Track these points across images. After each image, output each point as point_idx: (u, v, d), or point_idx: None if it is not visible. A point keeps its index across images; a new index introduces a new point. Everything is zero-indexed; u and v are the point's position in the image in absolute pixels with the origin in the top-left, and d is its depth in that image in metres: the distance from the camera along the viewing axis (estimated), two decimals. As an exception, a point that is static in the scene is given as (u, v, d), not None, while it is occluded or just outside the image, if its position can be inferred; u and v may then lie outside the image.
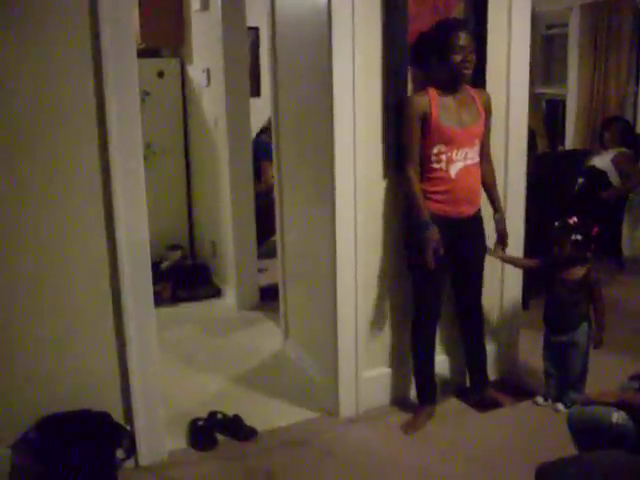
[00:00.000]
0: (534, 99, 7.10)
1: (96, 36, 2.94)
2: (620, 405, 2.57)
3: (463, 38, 3.33)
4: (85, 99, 2.99)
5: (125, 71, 3.01)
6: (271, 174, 5.34)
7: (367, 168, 3.59)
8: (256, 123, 5.57)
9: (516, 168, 3.94)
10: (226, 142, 5.24)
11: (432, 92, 3.42)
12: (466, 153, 3.45)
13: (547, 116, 8.14)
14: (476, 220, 3.63)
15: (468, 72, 3.40)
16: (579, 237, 3.65)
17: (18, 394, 3.12)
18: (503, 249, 3.77)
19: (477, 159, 3.53)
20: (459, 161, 3.44)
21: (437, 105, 3.39)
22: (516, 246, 4.00)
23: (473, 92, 3.53)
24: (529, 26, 3.85)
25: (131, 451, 3.28)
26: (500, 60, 3.78)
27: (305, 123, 3.95)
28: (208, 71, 5.51)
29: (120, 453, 3.23)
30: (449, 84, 3.44)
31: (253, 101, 5.49)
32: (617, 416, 2.54)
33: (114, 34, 2.95)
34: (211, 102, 5.59)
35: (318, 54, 3.57)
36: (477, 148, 3.52)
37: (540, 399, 3.86)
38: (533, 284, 4.56)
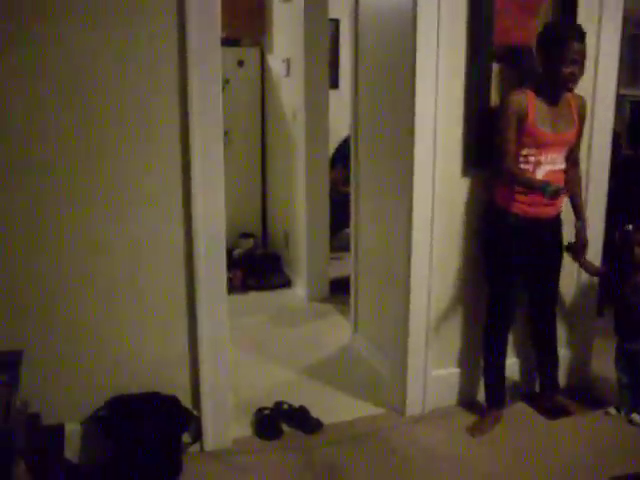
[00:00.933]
0: (618, 101, 6.90)
1: (182, 23, 2.98)
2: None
3: (577, 50, 3.22)
4: (169, 85, 3.03)
5: (209, 58, 3.03)
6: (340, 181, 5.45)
7: (447, 165, 3.55)
8: (333, 114, 5.56)
9: (599, 171, 3.84)
10: (303, 133, 5.25)
11: (530, 93, 3.33)
12: (554, 158, 3.38)
13: (631, 118, 7.91)
14: (556, 223, 3.57)
15: (573, 85, 3.30)
16: None
17: (92, 373, 3.18)
18: (581, 257, 3.69)
19: (564, 165, 3.46)
20: (546, 164, 3.37)
21: (534, 107, 3.32)
22: (595, 250, 3.90)
23: (570, 97, 3.43)
24: (620, 27, 3.74)
25: (197, 436, 3.33)
26: (588, 60, 3.66)
27: (385, 118, 3.92)
28: (288, 61, 5.52)
29: (186, 437, 3.27)
30: (550, 92, 3.36)
31: (331, 93, 5.47)
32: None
33: (200, 21, 2.98)
34: (290, 92, 5.60)
35: (401, 49, 3.53)
36: (565, 155, 3.45)
37: (613, 410, 3.76)
38: (609, 291, 4.44)
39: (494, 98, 3.52)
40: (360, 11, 4.20)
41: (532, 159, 3.36)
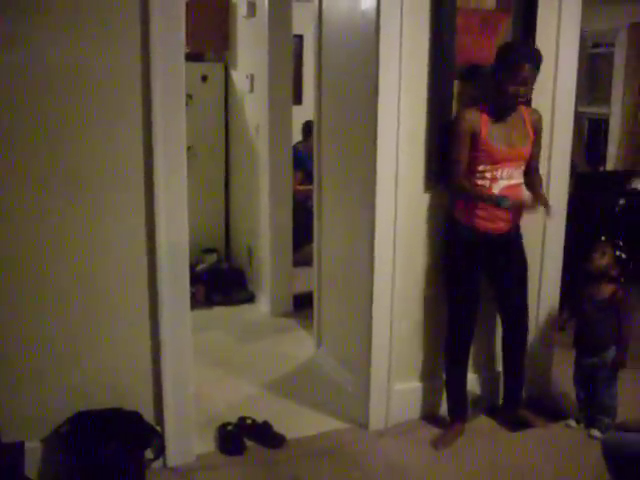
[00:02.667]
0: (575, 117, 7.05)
1: (146, 38, 2.98)
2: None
3: (528, 70, 3.30)
4: (132, 99, 3.03)
5: (173, 74, 3.04)
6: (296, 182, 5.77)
7: (409, 180, 3.58)
8: (296, 130, 5.58)
9: (559, 188, 3.90)
10: (267, 148, 5.26)
11: (482, 110, 3.40)
12: (511, 173, 3.43)
13: (589, 135, 8.06)
14: (516, 236, 3.61)
15: (523, 101, 3.40)
16: (624, 255, 3.65)
17: (53, 389, 3.14)
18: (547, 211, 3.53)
19: (521, 179, 3.51)
20: (503, 180, 3.42)
21: (487, 123, 3.38)
22: (555, 265, 3.97)
23: (524, 111, 3.50)
24: (577, 46, 3.82)
25: (160, 452, 3.30)
26: (546, 77, 3.74)
27: (348, 133, 3.95)
28: (252, 77, 5.53)
29: (149, 453, 3.25)
30: (502, 108, 3.43)
31: (294, 109, 5.49)
32: (653, 443, 2.51)
33: (163, 37, 2.98)
34: (253, 108, 5.61)
35: (364, 65, 3.57)
36: (522, 169, 3.50)
37: (572, 422, 3.81)
38: (569, 305, 4.51)
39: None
40: (324, 27, 4.23)
41: (488, 175, 3.42)
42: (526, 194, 3.53)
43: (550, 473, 3.40)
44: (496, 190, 3.42)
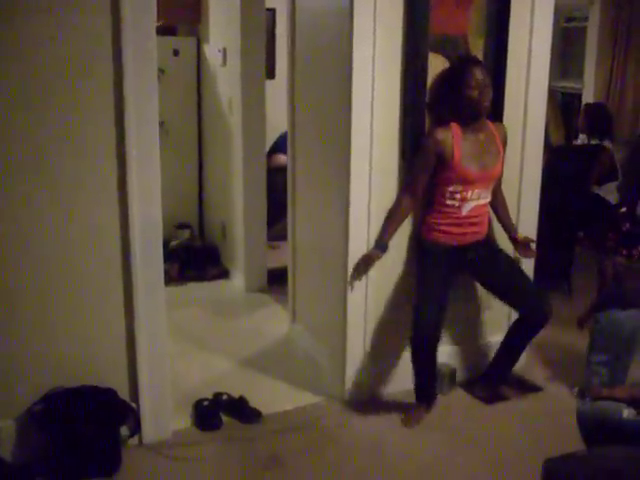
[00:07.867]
0: (549, 90, 7.06)
1: (116, 10, 2.92)
2: (630, 401, 2.56)
3: (479, 73, 3.34)
4: (103, 75, 2.98)
5: (144, 48, 2.99)
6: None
7: (384, 156, 3.57)
8: (270, 105, 5.54)
9: (532, 163, 3.92)
10: (240, 122, 5.22)
11: (455, 128, 3.40)
12: (480, 193, 3.47)
13: (562, 109, 8.08)
14: (486, 241, 3.66)
15: (485, 105, 3.39)
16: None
17: (25, 367, 3.12)
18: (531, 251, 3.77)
19: (489, 198, 3.56)
20: (472, 200, 3.46)
21: (460, 145, 3.38)
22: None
23: (492, 127, 3.52)
24: (552, 19, 3.81)
25: (136, 429, 3.29)
26: (521, 51, 3.75)
27: (322, 107, 3.93)
28: (224, 51, 5.47)
29: (124, 430, 3.24)
30: (469, 119, 3.41)
31: (267, 83, 5.45)
32: (627, 412, 2.54)
33: (135, 10, 2.93)
34: (226, 82, 5.56)
35: (338, 39, 3.54)
36: (491, 188, 3.55)
37: (576, 389, 3.79)
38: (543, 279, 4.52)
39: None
40: (297, 0, 4.19)
41: (458, 196, 3.44)
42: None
43: (524, 444, 3.43)
44: (465, 210, 3.46)
